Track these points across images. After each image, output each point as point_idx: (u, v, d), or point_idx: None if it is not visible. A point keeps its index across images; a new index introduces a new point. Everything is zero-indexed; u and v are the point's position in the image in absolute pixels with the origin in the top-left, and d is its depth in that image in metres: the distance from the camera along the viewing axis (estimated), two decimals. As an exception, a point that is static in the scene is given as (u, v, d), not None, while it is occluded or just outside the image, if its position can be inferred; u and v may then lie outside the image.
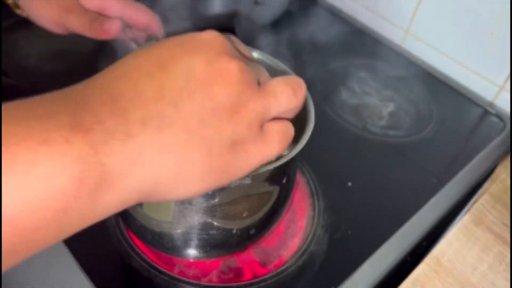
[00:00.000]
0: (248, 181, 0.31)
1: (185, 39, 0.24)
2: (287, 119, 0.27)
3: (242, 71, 0.24)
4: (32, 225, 0.18)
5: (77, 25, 0.41)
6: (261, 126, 0.25)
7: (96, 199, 0.20)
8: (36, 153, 0.18)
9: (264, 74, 0.27)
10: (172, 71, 0.22)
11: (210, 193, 0.31)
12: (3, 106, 0.19)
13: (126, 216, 0.37)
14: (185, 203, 0.32)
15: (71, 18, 0.41)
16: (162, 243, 0.36)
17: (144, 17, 0.42)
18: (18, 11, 0.44)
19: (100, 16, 0.41)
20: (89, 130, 0.19)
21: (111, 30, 0.40)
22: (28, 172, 0.17)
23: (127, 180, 0.20)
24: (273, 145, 0.26)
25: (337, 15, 0.77)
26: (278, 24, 0.67)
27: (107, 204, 0.20)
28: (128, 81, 0.22)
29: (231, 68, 0.23)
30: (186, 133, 0.22)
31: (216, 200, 0.32)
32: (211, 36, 0.25)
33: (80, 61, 0.45)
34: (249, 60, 0.26)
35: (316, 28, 0.70)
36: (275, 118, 0.26)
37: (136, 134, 0.20)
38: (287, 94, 0.26)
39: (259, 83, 0.25)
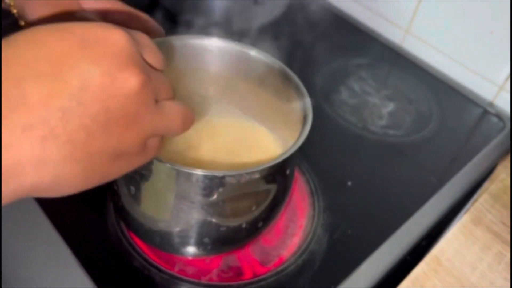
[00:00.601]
0: (257, 175, 0.31)
1: (90, 38, 0.22)
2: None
3: (142, 88, 0.22)
4: None
5: None
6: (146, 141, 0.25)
7: None
8: None
9: (165, 88, 0.26)
10: (67, 76, 0.20)
11: (213, 191, 0.32)
12: None
13: (125, 216, 0.37)
14: (184, 200, 0.32)
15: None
16: (170, 242, 0.36)
17: (144, 25, 0.41)
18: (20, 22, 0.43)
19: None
20: None
21: None
22: None
23: (3, 188, 0.20)
24: (149, 156, 0.26)
25: (336, 14, 0.77)
26: (277, 23, 0.67)
27: None
28: (12, 80, 0.19)
29: (132, 83, 0.22)
30: (71, 146, 0.21)
31: (220, 197, 0.32)
32: (119, 39, 0.22)
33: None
34: (153, 70, 0.25)
35: (315, 27, 0.70)
36: None
37: (14, 143, 0.19)
38: (179, 122, 0.26)
39: (157, 100, 0.25)
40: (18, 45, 0.21)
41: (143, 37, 0.25)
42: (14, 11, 0.41)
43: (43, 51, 0.21)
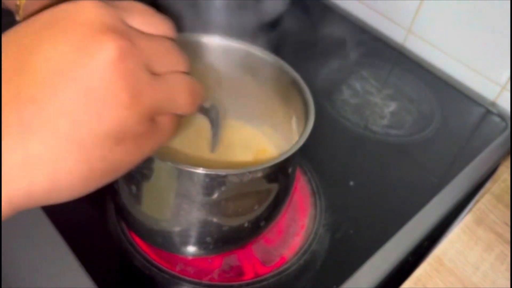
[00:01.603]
0: (260, 174, 0.31)
1: (56, 17, 0.19)
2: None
3: (122, 56, 0.19)
4: None
5: None
6: (152, 119, 0.21)
7: None
8: None
9: (169, 57, 0.22)
10: (33, 64, 0.18)
11: (215, 190, 0.31)
12: None
13: (126, 215, 0.37)
14: (186, 200, 0.32)
15: None
16: (171, 242, 0.36)
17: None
18: None
19: None
20: None
21: None
22: None
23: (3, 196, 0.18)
24: (165, 136, 0.23)
25: (338, 13, 0.77)
26: (279, 22, 0.66)
27: None
28: None
29: (107, 52, 0.18)
30: (55, 139, 0.18)
31: (222, 196, 0.32)
32: (87, 8, 0.19)
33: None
34: (146, 36, 0.21)
35: (318, 26, 0.70)
36: None
37: None
38: (185, 96, 0.22)
39: (156, 72, 0.21)
40: None
41: (127, 2, 0.21)
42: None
43: (9, 46, 0.19)
